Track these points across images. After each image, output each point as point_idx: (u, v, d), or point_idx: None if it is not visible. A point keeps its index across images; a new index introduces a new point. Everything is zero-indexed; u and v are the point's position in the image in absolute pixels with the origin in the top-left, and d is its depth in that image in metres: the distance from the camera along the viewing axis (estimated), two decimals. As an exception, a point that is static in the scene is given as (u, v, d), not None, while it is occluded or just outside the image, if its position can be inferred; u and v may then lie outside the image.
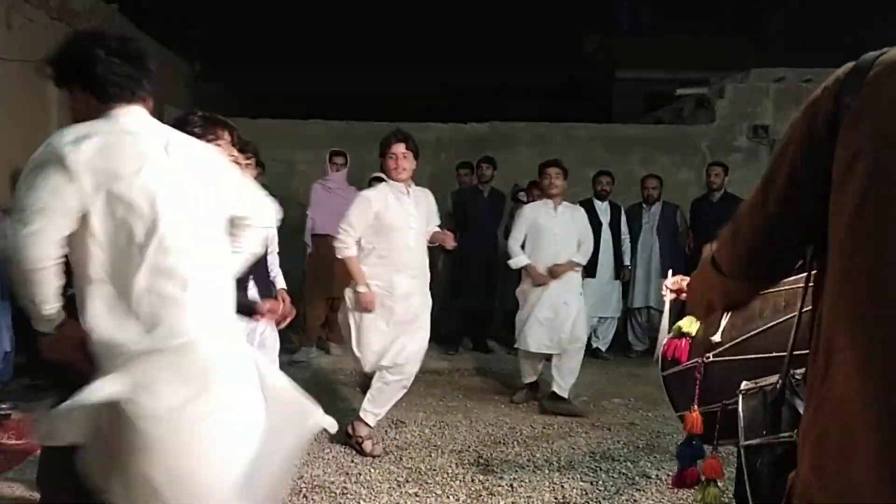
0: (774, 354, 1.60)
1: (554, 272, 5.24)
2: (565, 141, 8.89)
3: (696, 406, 2.19)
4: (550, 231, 5.34)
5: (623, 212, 7.35)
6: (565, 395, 5.29)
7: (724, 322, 2.20)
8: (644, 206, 7.39)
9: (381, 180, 7.30)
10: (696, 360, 2.22)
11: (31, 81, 7.07)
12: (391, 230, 4.26)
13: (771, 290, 1.68)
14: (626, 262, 7.29)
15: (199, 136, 2.52)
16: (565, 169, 5.46)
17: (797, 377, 1.26)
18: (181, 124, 2.53)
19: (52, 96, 7.35)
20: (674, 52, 15.38)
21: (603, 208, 7.25)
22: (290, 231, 7.27)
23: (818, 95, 1.09)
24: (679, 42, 16.23)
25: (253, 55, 10.16)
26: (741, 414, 1.34)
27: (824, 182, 1.04)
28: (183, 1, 10.86)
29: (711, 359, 2.17)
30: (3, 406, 4.68)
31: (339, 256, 4.33)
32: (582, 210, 5.69)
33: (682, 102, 10.45)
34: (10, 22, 6.88)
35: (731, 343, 2.15)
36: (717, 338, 2.20)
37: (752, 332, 2.04)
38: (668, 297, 2.17)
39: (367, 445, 4.26)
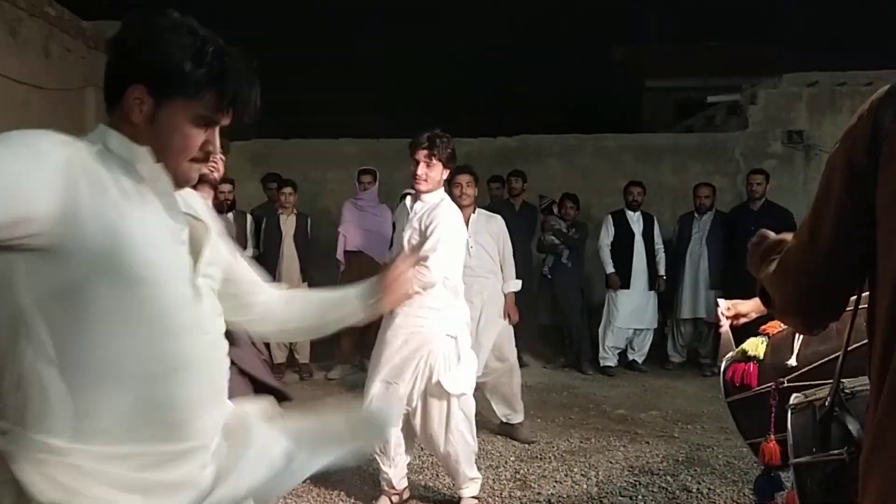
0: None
1: None
2: (595, 152, 8.86)
3: (772, 435, 2.04)
4: None
5: (656, 222, 7.28)
6: (512, 422, 4.92)
7: (797, 344, 2.09)
8: (696, 215, 7.27)
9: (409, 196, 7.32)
10: (768, 385, 2.11)
11: (68, 109, 7.27)
12: None
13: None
14: (661, 272, 7.21)
15: None
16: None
17: (847, 391, 1.23)
18: None
19: (91, 124, 7.55)
20: (703, 60, 15.25)
21: (635, 218, 7.20)
22: (322, 249, 7.37)
23: (854, 124, 1.05)
24: (708, 49, 16.10)
25: (285, 75, 10.29)
26: (790, 431, 1.30)
27: (871, 211, 1.00)
28: (213, 28, 11.05)
29: (786, 384, 2.06)
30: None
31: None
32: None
33: (713, 110, 10.34)
34: (49, 52, 7.06)
35: (808, 367, 2.03)
36: (792, 361, 2.08)
37: (832, 356, 1.86)
38: (726, 324, 2.10)
39: None
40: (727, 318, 2.13)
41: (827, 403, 1.23)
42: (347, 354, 6.87)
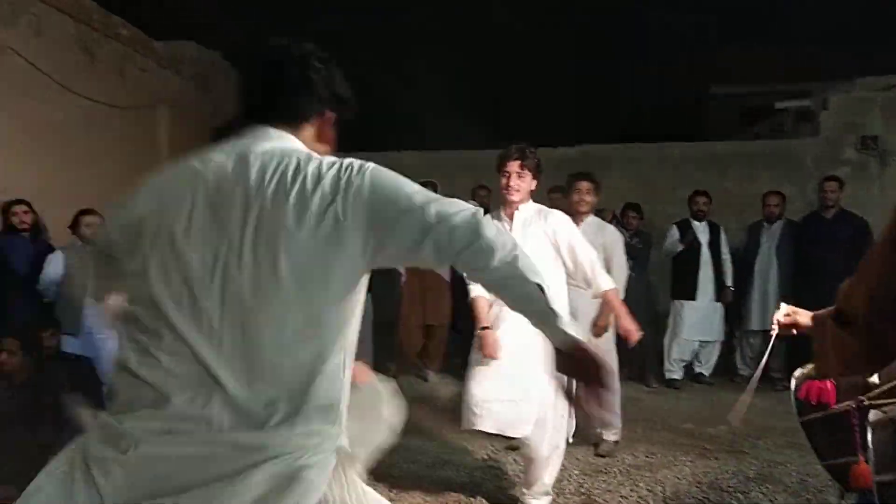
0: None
1: None
2: (658, 161, 8.73)
3: (861, 456, 1.86)
4: None
5: (722, 231, 7.13)
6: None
7: None
8: (765, 224, 7.09)
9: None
10: (847, 403, 1.99)
11: (143, 126, 7.56)
12: None
13: None
14: (729, 282, 7.04)
15: None
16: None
17: None
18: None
19: (163, 140, 7.83)
20: (770, 65, 14.87)
21: (701, 228, 7.06)
22: (385, 261, 7.45)
23: None
24: (776, 54, 15.68)
25: (350, 88, 10.46)
26: (871, 448, 1.25)
27: None
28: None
29: (867, 402, 1.95)
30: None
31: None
32: None
33: (781, 116, 10.06)
34: (124, 72, 7.36)
35: (891, 385, 1.93)
36: (874, 378, 1.98)
37: None
38: (775, 330, 2.03)
39: None
40: (782, 325, 2.04)
41: None
42: (409, 364, 6.92)
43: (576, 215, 4.43)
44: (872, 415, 1.36)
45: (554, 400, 3.56)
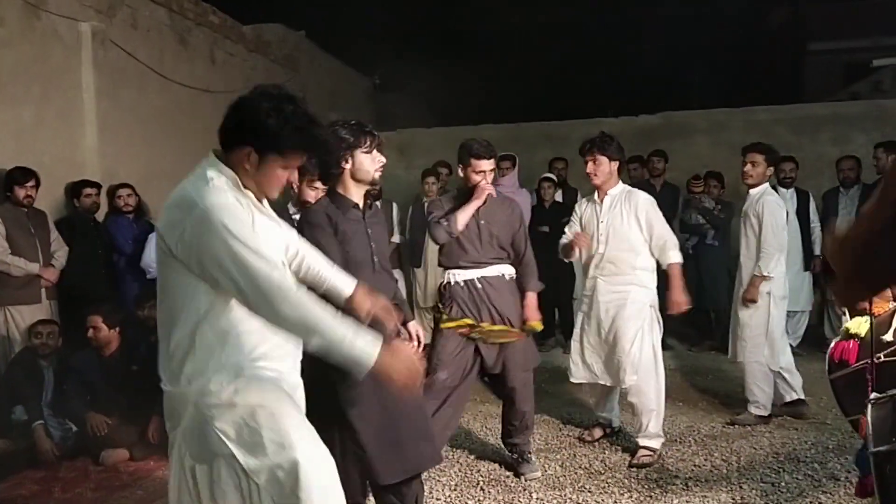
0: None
1: None
2: (746, 126, 8.45)
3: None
4: None
5: (812, 198, 6.90)
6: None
7: None
8: (841, 189, 6.85)
9: (549, 180, 7.39)
10: (865, 360, 2.11)
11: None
12: None
13: None
14: (817, 251, 6.83)
15: (354, 144, 2.93)
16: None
17: None
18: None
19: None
20: (875, 15, 14.03)
21: (787, 196, 6.84)
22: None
23: None
24: (879, 4, 14.75)
25: (426, 65, 10.59)
26: (869, 422, 1.31)
27: None
28: (361, 21, 11.54)
29: (883, 359, 2.04)
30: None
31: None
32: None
33: (880, 74, 9.55)
34: (214, 57, 7.71)
35: None
36: (888, 336, 2.07)
37: None
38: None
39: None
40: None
41: None
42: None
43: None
44: (874, 395, 1.40)
45: (653, 355, 4.15)
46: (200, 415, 1.93)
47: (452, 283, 3.91)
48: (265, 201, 2.09)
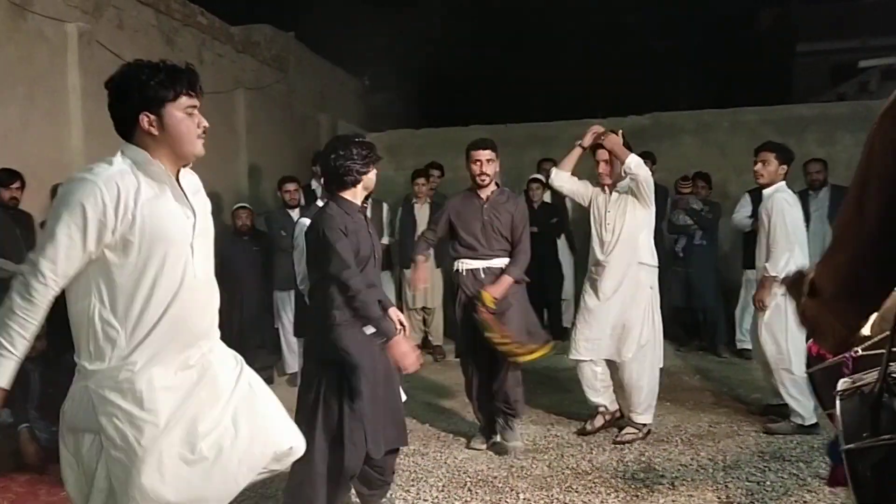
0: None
1: None
2: (733, 127, 8.51)
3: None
4: None
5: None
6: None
7: (874, 314, 2.08)
8: (810, 192, 6.90)
9: (537, 181, 7.42)
10: (842, 355, 2.12)
11: (222, 111, 7.88)
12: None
13: None
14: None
15: (371, 159, 3.35)
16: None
17: (894, 375, 1.22)
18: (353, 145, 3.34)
19: (242, 123, 8.15)
20: (862, 17, 14.12)
21: (775, 196, 6.89)
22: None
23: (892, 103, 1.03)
24: (868, 6, 14.85)
25: (416, 66, 10.59)
26: (839, 417, 1.31)
27: None
28: (350, 23, 11.52)
29: (860, 353, 2.05)
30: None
31: None
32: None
33: (867, 75, 9.63)
34: (202, 58, 7.68)
35: (881, 335, 2.03)
36: (865, 331, 2.07)
37: None
38: None
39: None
40: None
41: (876, 389, 1.23)
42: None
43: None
44: (840, 384, 1.41)
45: (653, 332, 4.54)
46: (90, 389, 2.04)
47: (461, 271, 4.44)
48: (188, 172, 2.20)
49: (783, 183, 4.71)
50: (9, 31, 5.40)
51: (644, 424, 4.55)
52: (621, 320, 4.48)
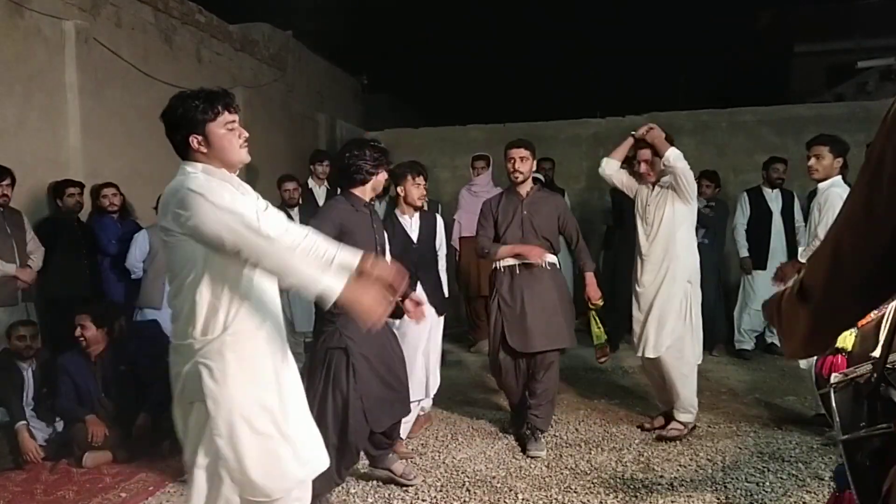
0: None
1: None
2: (731, 127, 8.52)
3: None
4: None
5: (796, 199, 6.95)
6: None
7: (883, 334, 2.03)
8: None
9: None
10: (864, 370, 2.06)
11: (219, 109, 7.87)
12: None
13: None
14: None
15: (381, 162, 3.69)
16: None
17: (889, 366, 1.22)
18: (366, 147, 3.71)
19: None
20: (860, 18, 14.12)
21: (773, 196, 6.91)
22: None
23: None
24: (866, 7, 14.85)
25: (415, 65, 10.58)
26: (835, 409, 1.31)
27: None
28: (348, 22, 11.51)
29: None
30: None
31: None
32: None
33: (865, 76, 9.63)
34: (200, 57, 7.66)
35: (891, 356, 1.98)
36: (876, 353, 2.02)
37: None
38: None
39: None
40: None
41: (873, 379, 1.22)
42: (484, 331, 7.11)
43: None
44: (833, 377, 1.40)
45: (689, 327, 4.55)
46: (196, 361, 2.34)
47: (498, 268, 4.57)
48: (237, 180, 2.50)
49: (839, 177, 4.55)
50: (6, 28, 5.37)
51: (685, 423, 4.56)
52: (657, 313, 4.53)
